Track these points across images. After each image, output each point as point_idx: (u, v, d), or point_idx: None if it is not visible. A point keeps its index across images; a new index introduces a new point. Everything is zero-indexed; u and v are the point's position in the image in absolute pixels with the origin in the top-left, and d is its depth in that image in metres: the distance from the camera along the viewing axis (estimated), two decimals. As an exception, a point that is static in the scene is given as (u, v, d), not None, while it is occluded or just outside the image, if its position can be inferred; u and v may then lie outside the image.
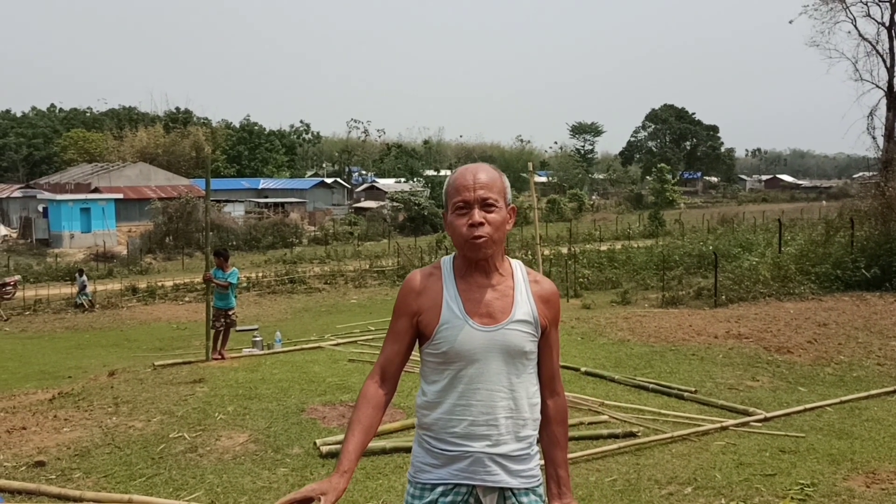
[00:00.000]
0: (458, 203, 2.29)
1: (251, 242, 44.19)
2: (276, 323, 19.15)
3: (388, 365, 2.38)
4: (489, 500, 2.26)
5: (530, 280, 2.39)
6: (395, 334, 2.37)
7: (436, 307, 2.30)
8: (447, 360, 2.28)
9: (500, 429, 2.26)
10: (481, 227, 2.25)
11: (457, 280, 2.34)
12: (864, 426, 6.67)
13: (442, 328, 2.27)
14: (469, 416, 2.25)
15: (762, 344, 10.59)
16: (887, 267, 15.91)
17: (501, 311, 2.29)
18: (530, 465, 2.32)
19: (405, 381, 8.78)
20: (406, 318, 2.35)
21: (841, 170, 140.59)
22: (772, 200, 79.65)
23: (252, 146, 77.63)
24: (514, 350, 2.27)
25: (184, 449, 6.34)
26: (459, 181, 2.32)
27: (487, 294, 2.31)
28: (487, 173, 2.33)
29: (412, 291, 2.35)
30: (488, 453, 2.24)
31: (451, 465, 2.26)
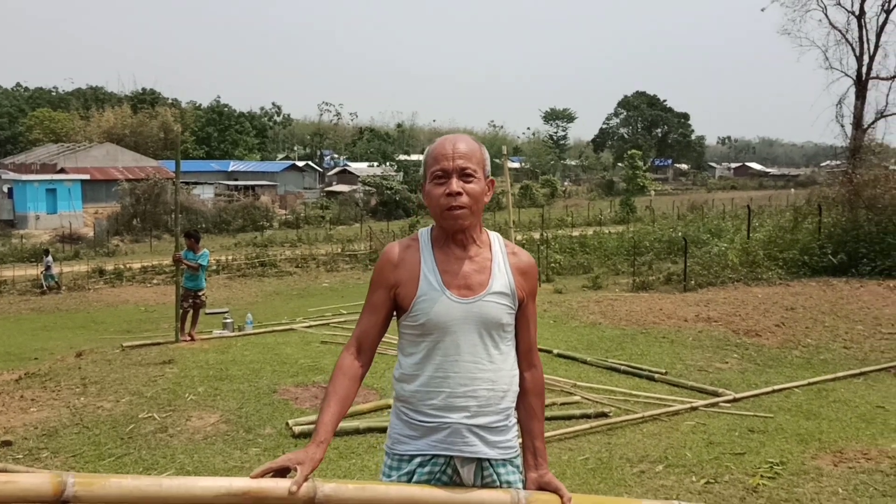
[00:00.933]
0: (436, 172, 2.27)
1: (221, 225, 43.75)
2: (247, 306, 19.01)
3: (364, 337, 2.35)
4: (466, 470, 2.24)
5: (508, 252, 2.37)
6: (372, 306, 2.35)
7: (413, 279, 2.27)
8: (425, 331, 2.26)
9: (479, 400, 2.24)
10: (459, 196, 2.23)
11: (434, 251, 2.31)
12: (830, 407, 6.77)
13: (419, 300, 2.25)
14: (447, 388, 2.24)
15: (731, 327, 10.71)
16: (853, 253, 16.15)
17: (479, 283, 2.27)
18: (508, 436, 2.31)
19: (378, 362, 8.74)
20: (383, 290, 2.32)
21: (809, 158, 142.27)
22: (741, 188, 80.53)
23: (222, 128, 76.75)
24: (491, 322, 2.26)
25: (154, 429, 6.27)
26: (438, 150, 2.29)
27: (465, 266, 2.29)
28: (467, 143, 2.30)
29: (389, 263, 2.32)
30: (466, 424, 2.23)
31: (428, 437, 2.24)
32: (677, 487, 4.77)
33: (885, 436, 5.79)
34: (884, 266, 15.45)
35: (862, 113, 26.95)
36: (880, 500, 4.44)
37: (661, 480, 4.91)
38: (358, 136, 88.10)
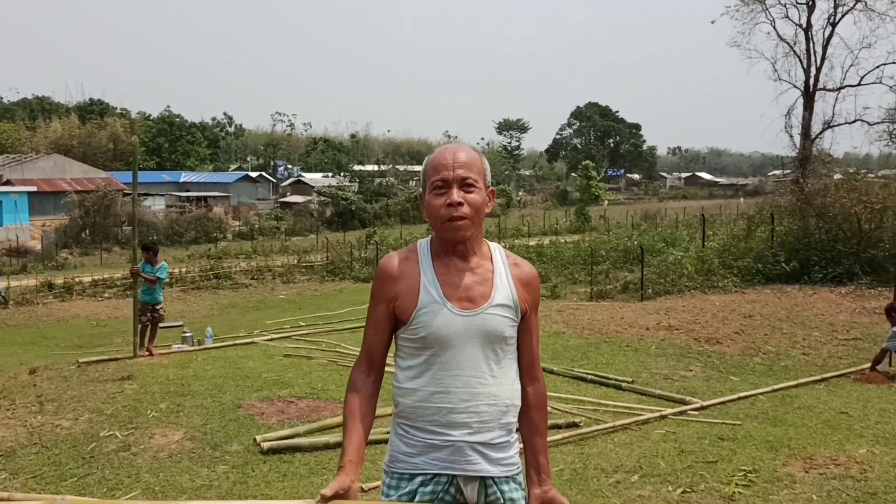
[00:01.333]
0: (436, 182, 2.21)
1: (173, 237, 42.99)
2: (202, 319, 18.66)
3: (372, 352, 2.30)
4: (470, 489, 2.19)
5: (510, 263, 2.32)
6: (376, 322, 2.29)
7: (413, 291, 2.22)
8: (425, 345, 2.20)
9: (481, 416, 2.19)
10: (460, 206, 2.18)
11: (434, 263, 2.26)
12: (796, 413, 6.86)
13: (420, 313, 2.19)
14: (448, 403, 2.18)
15: (692, 335, 10.83)
16: (805, 261, 16.51)
17: (481, 296, 2.22)
18: (510, 452, 2.27)
19: (344, 375, 8.67)
20: (384, 304, 2.26)
21: (756, 168, 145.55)
22: (691, 197, 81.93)
23: (173, 138, 75.63)
24: (493, 335, 2.21)
25: (116, 448, 6.08)
26: (438, 160, 2.24)
27: (466, 278, 2.24)
28: (467, 153, 2.26)
29: (389, 277, 2.26)
30: (469, 441, 2.17)
31: (429, 454, 2.18)
32: (654, 497, 4.77)
33: (851, 441, 5.88)
34: (835, 273, 15.81)
35: (810, 123, 27.64)
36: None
37: (638, 490, 4.91)
38: (312, 147, 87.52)
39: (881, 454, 5.48)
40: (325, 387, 8.07)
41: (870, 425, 6.36)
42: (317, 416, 6.95)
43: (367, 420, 2.23)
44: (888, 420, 6.51)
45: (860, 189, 17.07)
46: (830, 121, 28.01)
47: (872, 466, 5.19)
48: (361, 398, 2.24)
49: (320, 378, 8.50)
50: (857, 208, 16.49)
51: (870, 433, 6.11)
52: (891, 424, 6.36)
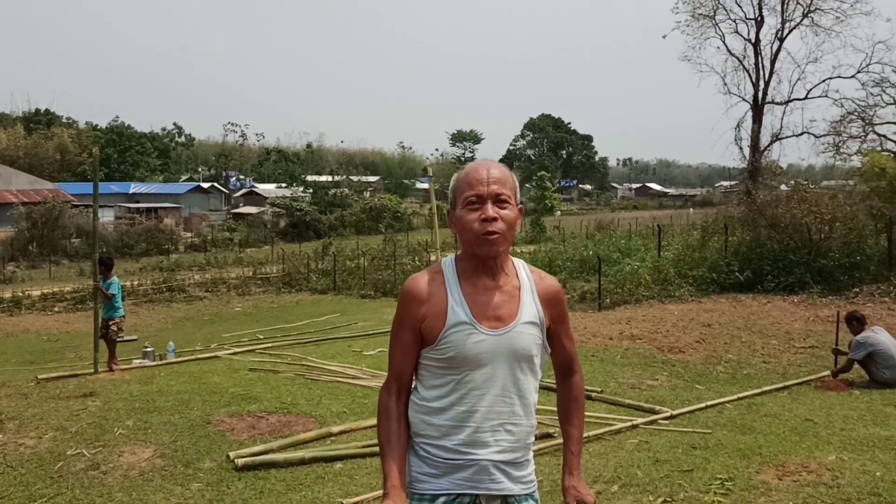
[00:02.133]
0: (470, 198, 2.20)
1: (123, 249, 42.18)
2: (157, 333, 18.31)
3: (400, 374, 2.29)
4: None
5: (535, 278, 2.32)
6: (403, 346, 2.26)
7: (441, 312, 2.20)
8: (453, 364, 2.19)
9: (507, 435, 2.20)
10: (495, 222, 2.17)
11: (461, 282, 2.25)
12: (763, 421, 7.00)
13: (448, 333, 2.18)
14: (474, 423, 2.18)
15: (655, 344, 10.98)
16: (758, 270, 16.88)
17: (509, 314, 2.22)
18: (528, 470, 2.28)
19: (313, 389, 8.60)
20: (410, 328, 2.24)
21: (704, 179, 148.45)
22: (642, 207, 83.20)
23: (122, 149, 74.32)
24: (521, 353, 2.21)
25: (84, 466, 5.93)
26: (472, 175, 2.23)
27: (494, 297, 2.23)
28: (500, 170, 2.26)
29: (416, 300, 2.24)
30: (493, 461, 2.18)
31: (452, 475, 2.18)
32: (636, 508, 4.82)
33: (820, 448, 6.01)
34: (787, 282, 16.19)
35: (759, 136, 28.39)
36: (830, 512, 4.59)
37: (619, 501, 4.95)
38: (265, 157, 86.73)
39: (850, 460, 5.61)
40: (294, 401, 7.99)
41: (836, 432, 6.51)
42: (289, 431, 6.87)
43: (404, 443, 2.23)
44: (853, 427, 6.68)
45: (810, 200, 17.50)
46: (779, 133, 28.81)
47: (843, 473, 5.31)
48: (395, 422, 2.25)
49: (289, 392, 8.41)
50: (807, 219, 16.90)
51: (836, 440, 6.26)
52: (856, 431, 6.52)
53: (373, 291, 23.81)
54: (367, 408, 7.67)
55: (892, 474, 5.24)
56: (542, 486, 5.24)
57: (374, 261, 30.51)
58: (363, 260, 30.22)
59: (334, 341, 13.03)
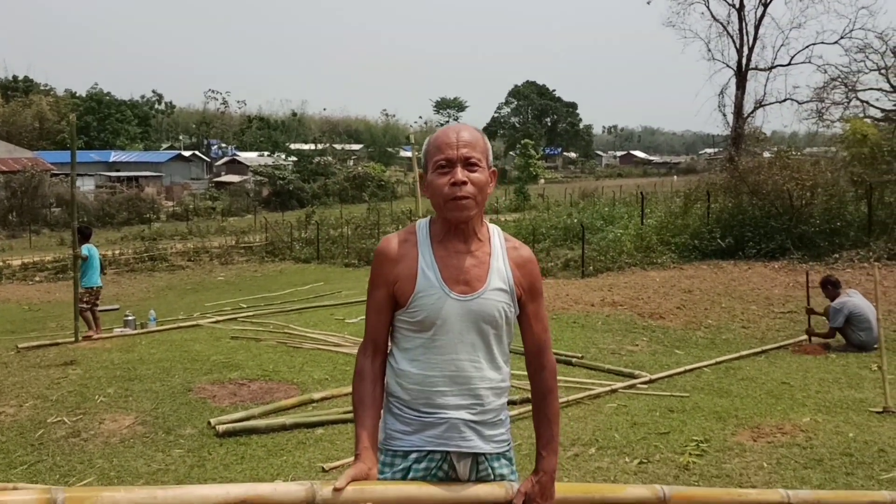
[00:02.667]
0: (439, 161, 2.20)
1: (104, 219, 41.85)
2: (139, 302, 18.26)
3: (376, 336, 2.29)
4: (462, 465, 2.21)
5: (508, 246, 2.31)
6: (377, 305, 2.27)
7: (411, 275, 2.21)
8: (423, 327, 2.20)
9: (475, 397, 2.21)
10: (464, 186, 2.16)
11: (433, 246, 2.25)
12: (740, 385, 7.09)
13: (418, 296, 2.19)
14: (443, 385, 2.19)
15: (636, 311, 11.06)
16: (740, 237, 16.97)
17: (477, 279, 2.22)
18: (501, 430, 2.30)
19: (295, 356, 8.61)
20: (384, 287, 2.25)
21: (688, 146, 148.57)
22: (626, 175, 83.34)
23: (101, 117, 73.30)
24: (489, 318, 2.22)
25: (65, 434, 5.93)
26: (441, 139, 2.22)
27: (465, 261, 2.23)
28: (470, 132, 2.25)
29: (387, 260, 2.25)
30: (463, 419, 2.20)
31: (424, 432, 2.20)
32: (613, 469, 4.88)
33: (794, 410, 6.10)
34: (767, 249, 16.30)
35: (742, 102, 28.39)
36: (802, 472, 4.67)
37: (596, 462, 5.02)
38: (247, 125, 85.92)
39: (824, 422, 5.70)
40: (276, 368, 8.00)
41: (811, 394, 6.61)
42: (270, 398, 6.89)
43: (377, 405, 2.24)
44: (828, 389, 6.78)
45: (792, 167, 17.58)
46: (762, 100, 28.82)
47: (817, 434, 5.40)
48: (370, 383, 2.25)
49: (271, 360, 8.42)
50: (789, 185, 16.98)
51: (811, 402, 6.35)
52: (830, 393, 6.63)
53: (356, 260, 23.81)
54: (349, 375, 7.62)
55: (864, 435, 5.33)
56: (520, 449, 5.28)
57: (358, 230, 30.49)
58: (347, 229, 30.18)
59: (317, 310, 13.04)
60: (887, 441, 5.19)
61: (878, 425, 5.61)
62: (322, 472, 5.00)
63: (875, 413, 5.95)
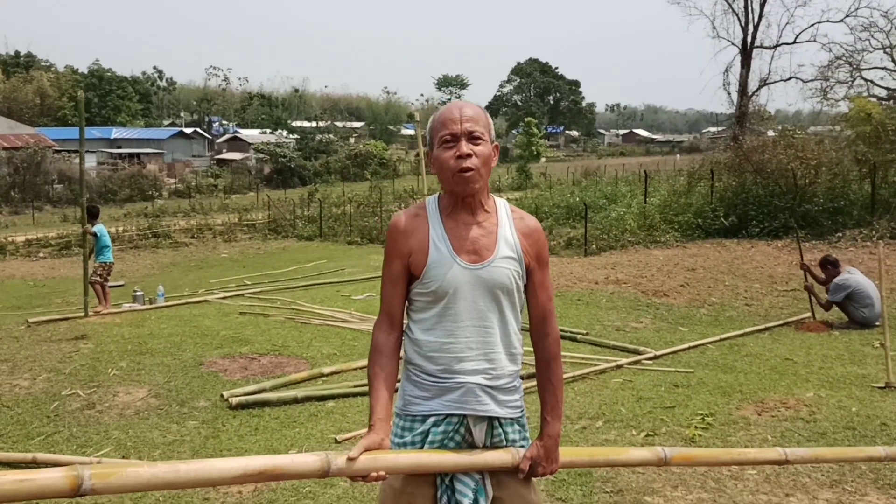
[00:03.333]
0: (444, 136, 2.29)
1: (106, 195, 41.85)
2: (144, 279, 18.30)
3: (391, 310, 2.37)
4: (479, 429, 2.30)
5: (515, 217, 2.41)
6: (392, 278, 2.36)
7: (423, 247, 2.30)
8: (436, 297, 2.29)
9: (490, 363, 2.30)
10: (469, 158, 2.25)
11: (443, 219, 2.34)
12: (744, 361, 7.17)
13: (430, 267, 2.28)
14: (459, 352, 2.28)
15: (640, 288, 11.14)
16: (743, 215, 17.04)
17: (486, 248, 2.31)
18: (515, 396, 2.38)
19: (303, 331, 8.70)
20: (399, 259, 2.34)
21: (691, 125, 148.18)
22: (629, 154, 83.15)
23: (102, 93, 73.10)
24: (500, 285, 2.30)
25: (80, 406, 6.04)
26: (446, 115, 2.32)
27: (473, 231, 2.32)
28: (473, 108, 2.34)
29: (400, 233, 2.34)
30: (480, 384, 2.28)
31: (442, 397, 2.28)
32: (620, 441, 4.98)
33: (798, 386, 6.19)
34: (771, 227, 16.38)
35: (747, 81, 28.32)
36: (806, 445, 4.76)
37: (604, 435, 5.11)
38: (248, 102, 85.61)
39: (827, 397, 5.80)
40: (285, 343, 8.10)
41: (814, 370, 6.70)
42: (281, 372, 7.00)
43: (392, 378, 2.32)
44: (830, 365, 6.87)
45: (797, 146, 17.59)
46: (767, 78, 28.74)
47: (820, 408, 5.49)
48: (385, 357, 2.33)
49: (279, 335, 8.52)
50: (793, 164, 17.00)
51: (815, 378, 6.44)
52: (833, 369, 6.71)
53: (359, 238, 23.86)
54: (357, 350, 7.80)
55: (866, 410, 5.43)
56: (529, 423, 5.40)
57: (360, 207, 30.49)
58: (349, 207, 30.20)
59: (323, 286, 13.12)
60: (889, 415, 5.28)
61: (881, 400, 5.70)
62: (335, 443, 5.10)
63: (877, 388, 6.04)
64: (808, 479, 4.23)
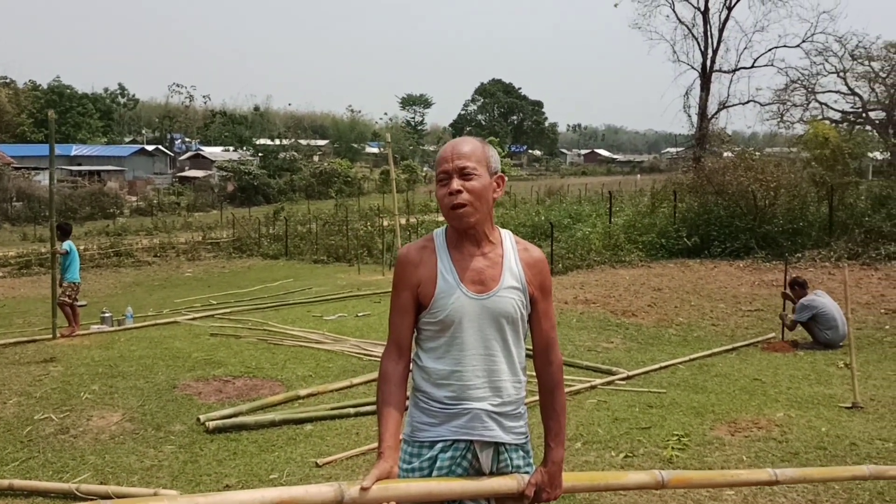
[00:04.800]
0: (439, 175, 2.41)
1: (67, 213, 41.02)
2: (106, 298, 18.05)
3: (399, 339, 2.43)
4: (485, 455, 2.36)
5: (519, 248, 2.48)
6: (401, 309, 2.42)
7: (432, 278, 2.37)
8: (444, 326, 2.36)
9: (495, 389, 2.37)
10: (459, 194, 2.33)
11: (450, 250, 2.42)
12: (714, 381, 7.32)
13: (438, 297, 2.35)
14: (467, 380, 2.34)
15: (608, 308, 11.29)
16: (705, 236, 17.37)
17: (492, 279, 2.38)
18: (521, 422, 2.46)
19: (277, 353, 8.67)
20: (408, 290, 2.40)
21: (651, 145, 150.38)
22: (591, 174, 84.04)
23: (63, 110, 71.96)
24: (505, 315, 2.37)
25: (54, 430, 5.95)
26: (442, 153, 2.43)
27: (479, 262, 2.39)
28: (469, 144, 2.42)
29: (409, 264, 2.41)
30: (486, 410, 2.34)
31: (449, 423, 2.34)
32: (600, 463, 5.05)
33: (768, 406, 6.34)
34: (733, 248, 16.72)
35: (706, 104, 28.89)
36: (780, 465, 4.88)
37: (584, 457, 5.18)
38: (211, 120, 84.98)
39: (797, 417, 5.94)
40: (259, 365, 8.07)
41: (782, 390, 6.86)
42: (256, 395, 6.97)
43: (401, 406, 2.37)
44: (798, 385, 7.04)
45: (756, 167, 18.00)
46: (726, 101, 29.37)
47: (791, 428, 5.63)
48: (394, 385, 2.38)
49: (253, 357, 8.48)
50: (753, 186, 17.41)
51: (784, 398, 6.60)
52: (801, 389, 6.88)
53: (325, 256, 23.81)
54: (332, 371, 7.80)
55: (836, 430, 5.57)
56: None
57: (326, 226, 30.41)
58: (315, 225, 30.10)
59: (293, 307, 13.08)
60: (857, 435, 5.43)
61: (849, 420, 5.86)
62: (316, 467, 5.10)
63: (844, 408, 6.21)
64: (784, 499, 4.34)
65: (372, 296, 13.90)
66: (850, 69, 28.94)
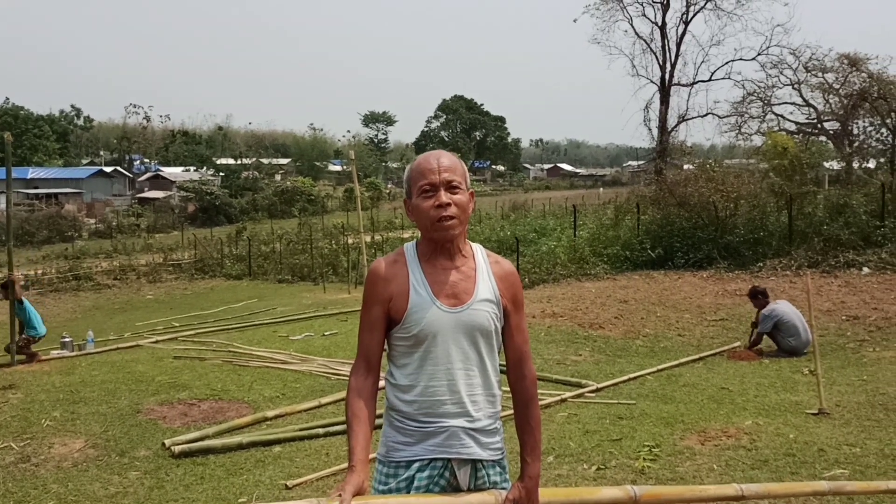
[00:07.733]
0: (423, 186, 2.34)
1: (24, 237, 40.41)
2: (66, 323, 17.68)
3: (369, 355, 2.38)
4: (463, 472, 2.32)
5: (491, 261, 2.46)
6: (370, 324, 2.38)
7: (403, 292, 2.33)
8: (417, 342, 2.32)
9: (471, 404, 2.33)
10: (448, 207, 2.31)
11: (422, 264, 2.38)
12: (682, 391, 7.36)
13: (411, 312, 2.31)
14: (441, 396, 2.31)
15: (576, 321, 11.33)
16: (669, 247, 17.54)
17: (465, 292, 2.35)
18: (496, 438, 2.42)
19: (243, 375, 8.54)
20: (378, 305, 2.36)
21: (612, 159, 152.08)
22: (554, 188, 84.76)
23: (17, 132, 70.72)
24: (479, 328, 2.34)
25: (14, 459, 5.79)
26: (424, 165, 2.37)
27: (452, 276, 2.37)
28: (450, 158, 2.40)
29: (381, 279, 2.37)
30: (463, 427, 2.31)
31: (425, 441, 2.30)
32: (573, 476, 5.04)
33: (736, 414, 6.38)
34: (696, 259, 16.91)
35: (666, 117, 29.33)
36: (750, 473, 4.91)
37: (556, 470, 5.16)
38: (170, 140, 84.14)
39: (765, 424, 5.99)
40: (224, 387, 7.94)
41: (750, 398, 6.91)
42: (223, 418, 6.85)
43: (370, 420, 2.32)
44: (765, 393, 7.10)
45: (717, 179, 18.26)
46: (685, 114, 29.85)
47: (760, 436, 5.67)
48: (363, 400, 2.33)
49: (218, 378, 8.35)
50: (714, 197, 17.65)
51: (751, 406, 6.65)
52: (768, 397, 6.95)
53: (290, 276, 23.61)
54: (300, 392, 7.70)
55: (804, 436, 5.63)
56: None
57: (290, 245, 30.20)
58: (279, 244, 29.87)
59: (258, 327, 12.92)
60: (825, 441, 5.49)
61: (816, 426, 5.92)
62: (286, 489, 5.01)
63: (811, 415, 6.27)
64: (755, 506, 4.36)
65: (338, 315, 13.80)
66: (805, 81, 29.58)
